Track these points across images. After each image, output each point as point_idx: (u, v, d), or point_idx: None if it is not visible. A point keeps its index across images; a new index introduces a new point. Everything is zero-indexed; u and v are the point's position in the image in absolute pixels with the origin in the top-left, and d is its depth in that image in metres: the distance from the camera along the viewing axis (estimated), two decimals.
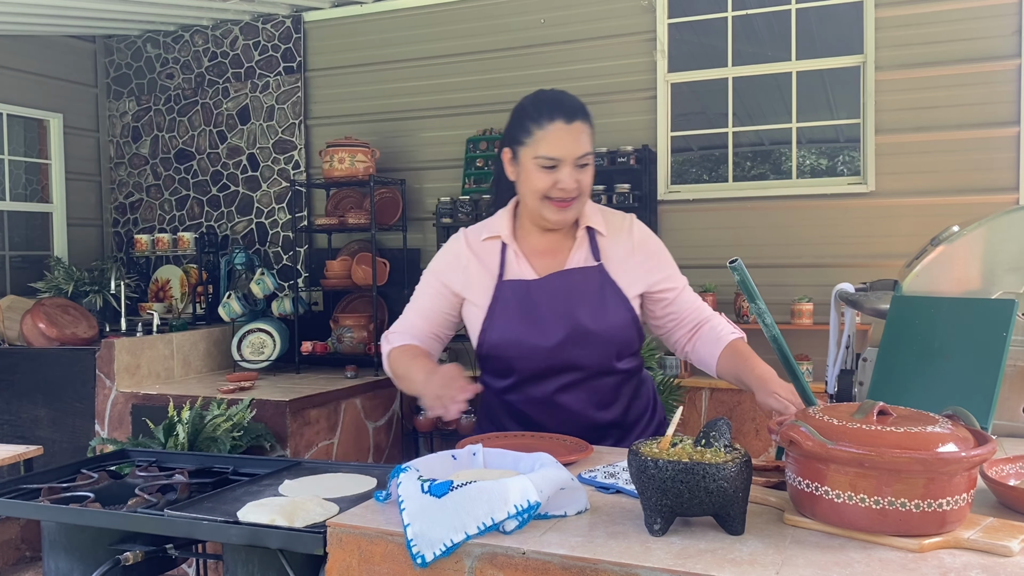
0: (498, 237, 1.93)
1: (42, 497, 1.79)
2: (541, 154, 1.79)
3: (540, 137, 1.79)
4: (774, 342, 1.50)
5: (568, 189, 1.80)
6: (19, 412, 4.38)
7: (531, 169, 1.82)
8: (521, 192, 1.89)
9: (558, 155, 1.78)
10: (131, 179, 5.73)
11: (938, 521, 1.14)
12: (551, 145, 1.78)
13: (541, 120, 1.80)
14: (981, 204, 3.81)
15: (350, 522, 1.31)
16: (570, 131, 1.79)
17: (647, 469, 1.20)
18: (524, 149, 1.83)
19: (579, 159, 1.80)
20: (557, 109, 1.80)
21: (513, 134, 1.86)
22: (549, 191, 1.81)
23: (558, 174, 1.79)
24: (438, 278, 1.96)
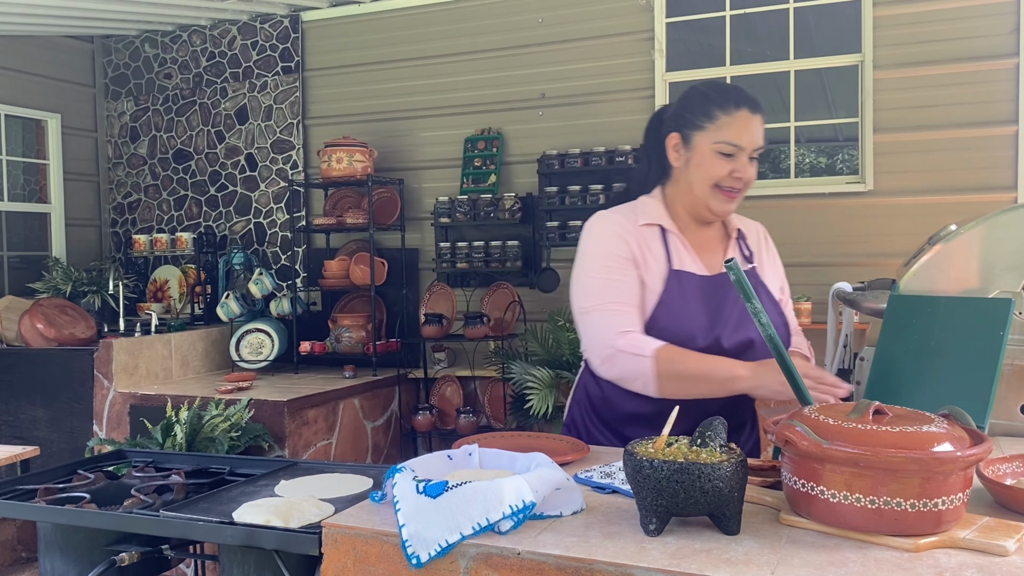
0: (657, 224, 1.85)
1: (38, 498, 1.79)
2: (725, 139, 1.76)
3: (726, 123, 1.76)
4: (770, 342, 1.50)
5: (744, 179, 1.79)
6: (17, 412, 4.38)
7: (708, 155, 1.78)
8: (688, 179, 1.83)
9: (742, 143, 1.76)
10: (129, 179, 5.73)
11: (934, 521, 1.14)
12: (738, 132, 1.76)
13: (727, 106, 1.77)
14: (979, 203, 3.81)
15: (345, 523, 1.31)
16: (754, 121, 1.78)
17: (642, 469, 1.20)
18: (702, 134, 1.79)
19: (755, 151, 1.79)
20: (743, 98, 1.79)
21: (690, 118, 1.81)
22: (723, 179, 1.78)
23: (736, 162, 1.77)
24: (617, 254, 1.80)
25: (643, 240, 1.83)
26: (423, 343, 4.69)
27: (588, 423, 1.95)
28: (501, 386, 4.45)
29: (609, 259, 1.81)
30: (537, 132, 4.68)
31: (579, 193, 4.35)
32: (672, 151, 1.85)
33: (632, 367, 1.72)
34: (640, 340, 1.73)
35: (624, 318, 1.76)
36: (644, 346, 1.71)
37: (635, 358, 1.71)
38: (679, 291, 1.79)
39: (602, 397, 1.91)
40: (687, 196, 1.85)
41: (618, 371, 1.75)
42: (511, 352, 4.40)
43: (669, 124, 1.87)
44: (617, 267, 1.80)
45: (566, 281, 4.49)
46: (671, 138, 1.85)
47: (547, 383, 3.98)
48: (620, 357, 1.73)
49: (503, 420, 4.44)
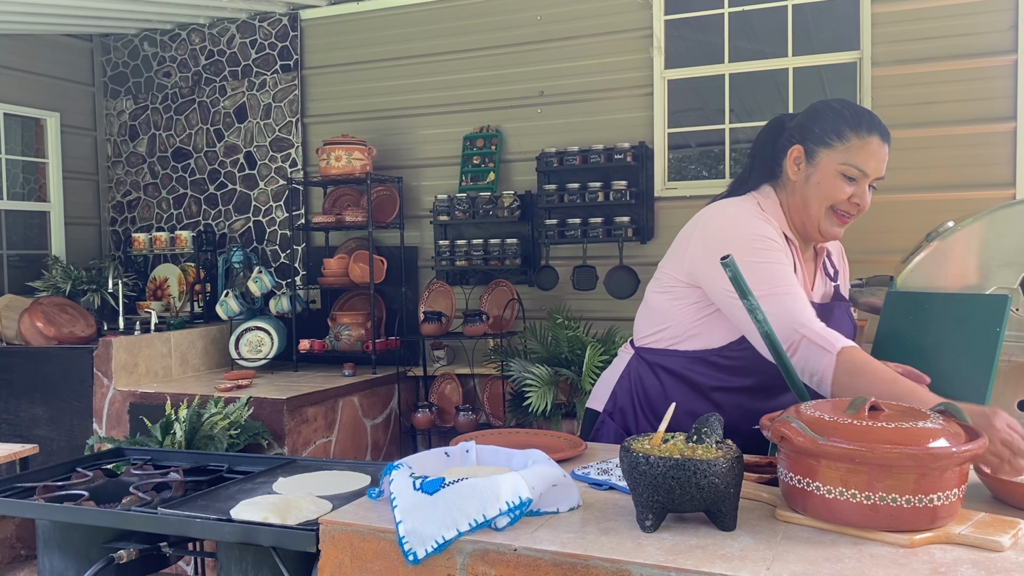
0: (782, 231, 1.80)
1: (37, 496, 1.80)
2: (853, 163, 1.74)
3: (858, 146, 1.74)
4: (766, 338, 1.50)
5: (861, 206, 1.77)
6: (17, 411, 4.39)
7: (831, 175, 1.76)
8: (805, 195, 1.79)
9: (869, 170, 1.75)
10: (128, 178, 5.73)
11: (929, 516, 1.14)
12: (867, 158, 1.74)
13: (861, 130, 1.75)
14: (977, 199, 3.80)
15: (342, 519, 1.32)
16: (883, 150, 1.76)
17: (638, 465, 1.20)
18: (830, 152, 1.76)
19: (877, 180, 1.78)
20: (877, 125, 1.77)
21: (819, 135, 1.77)
22: (841, 203, 1.76)
23: (857, 187, 1.76)
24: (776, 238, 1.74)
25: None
26: (422, 341, 4.69)
27: (639, 415, 1.92)
28: (500, 384, 4.45)
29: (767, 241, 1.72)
30: (536, 130, 4.68)
31: (578, 191, 4.35)
32: (792, 164, 1.82)
33: (814, 358, 1.58)
34: (829, 332, 1.60)
35: (806, 309, 1.64)
36: (833, 340, 1.58)
37: (819, 350, 1.57)
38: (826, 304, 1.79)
39: (661, 392, 1.88)
40: (800, 212, 1.81)
41: (797, 359, 1.61)
42: (510, 350, 4.40)
43: (793, 135, 1.83)
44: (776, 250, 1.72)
45: (565, 279, 4.52)
46: (793, 150, 1.81)
47: (546, 381, 3.98)
48: (804, 345, 1.60)
49: (502, 418, 4.44)
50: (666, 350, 1.86)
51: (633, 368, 1.96)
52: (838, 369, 1.55)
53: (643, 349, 1.93)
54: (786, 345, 1.61)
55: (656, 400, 1.90)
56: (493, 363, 4.46)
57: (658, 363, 1.88)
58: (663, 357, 1.87)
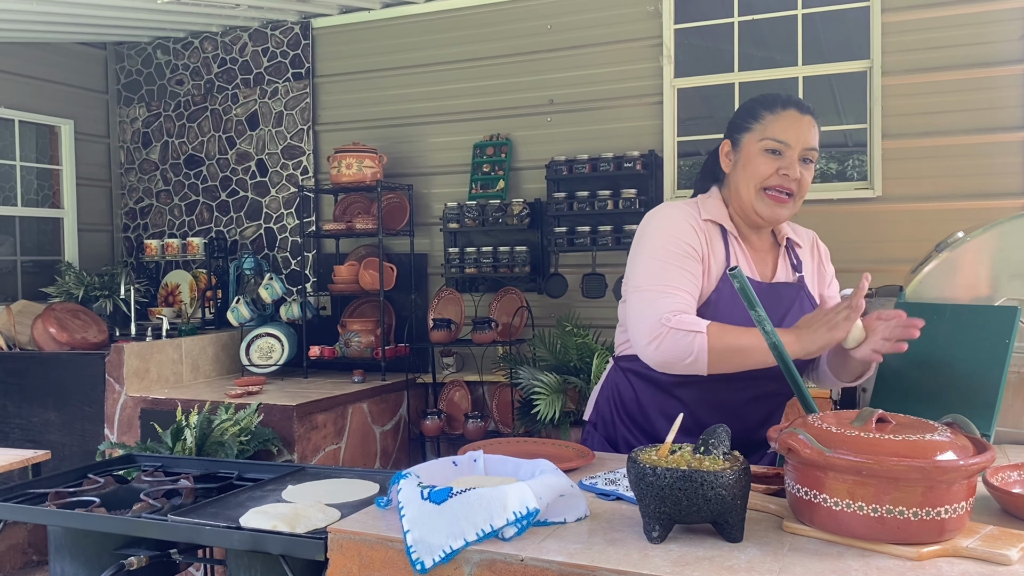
0: (719, 224, 1.84)
1: (48, 502, 1.81)
2: (771, 136, 1.76)
3: (771, 121, 1.77)
4: (774, 349, 1.50)
5: (791, 177, 1.75)
6: (30, 416, 4.42)
7: (754, 154, 1.78)
8: (735, 182, 1.82)
9: (788, 139, 1.75)
10: (141, 184, 5.77)
11: (937, 529, 1.14)
12: (784, 128, 1.75)
13: (774, 107, 1.78)
14: (988, 209, 3.79)
15: (351, 528, 1.32)
16: (802, 120, 1.76)
17: (645, 476, 1.21)
18: (749, 135, 1.79)
19: (806, 151, 1.76)
20: (792, 100, 1.79)
21: (738, 123, 1.83)
22: (770, 179, 1.76)
23: (783, 160, 1.76)
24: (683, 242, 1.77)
25: (709, 235, 1.82)
26: (432, 348, 4.70)
27: (618, 422, 1.94)
28: (509, 391, 4.45)
29: (676, 245, 1.77)
30: (545, 138, 4.69)
31: (587, 199, 4.36)
32: (724, 158, 1.86)
33: (683, 345, 1.65)
34: (691, 318, 1.69)
35: (679, 301, 1.71)
36: (696, 323, 1.67)
37: (687, 335, 1.65)
38: (731, 293, 1.76)
39: (634, 398, 1.91)
40: (737, 199, 1.84)
41: (665, 350, 1.68)
42: (519, 357, 4.41)
43: (725, 134, 1.89)
44: (682, 256, 1.76)
45: (574, 287, 4.52)
46: (723, 145, 1.87)
47: (554, 388, 3.98)
48: (671, 335, 1.67)
49: (511, 425, 4.45)
50: (633, 355, 1.86)
51: (611, 377, 2.01)
52: (710, 342, 1.64)
53: (618, 358, 1.98)
54: (651, 338, 1.69)
55: (630, 405, 1.92)
56: (502, 370, 4.47)
57: (629, 368, 1.92)
58: (632, 362, 1.89)
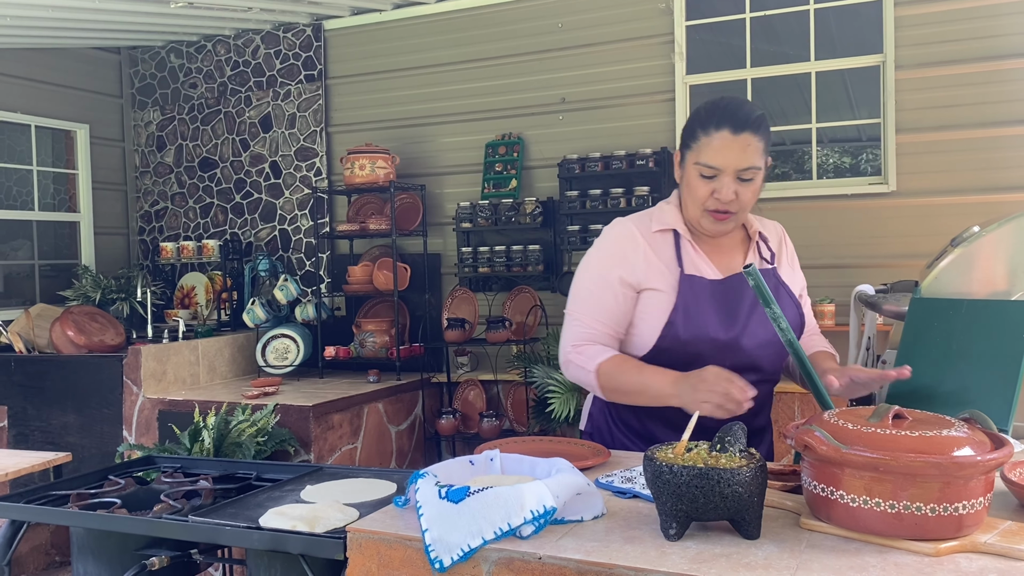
0: (671, 229, 1.87)
1: (71, 503, 1.83)
2: (702, 161, 1.76)
3: (705, 144, 1.76)
4: (790, 346, 1.51)
5: (724, 200, 1.76)
6: (49, 418, 4.46)
7: (692, 175, 1.79)
8: (683, 198, 1.86)
9: (718, 164, 1.74)
10: (156, 188, 5.81)
11: (954, 525, 1.14)
12: (714, 154, 1.75)
13: (708, 127, 1.77)
14: (1004, 203, 3.77)
15: (370, 527, 1.33)
16: (735, 142, 1.74)
17: (662, 474, 1.21)
18: (690, 153, 1.80)
19: (741, 171, 1.75)
20: (727, 118, 1.76)
21: (684, 137, 1.84)
22: (706, 201, 1.78)
23: (716, 184, 1.76)
24: (613, 273, 1.84)
25: (654, 248, 1.85)
26: (446, 347, 4.71)
27: (613, 428, 1.96)
28: (523, 390, 4.46)
29: (602, 271, 1.85)
30: (557, 136, 4.70)
31: (600, 197, 4.36)
32: (676, 168, 1.88)
33: (581, 377, 1.84)
34: (587, 353, 1.82)
35: (586, 331, 1.84)
36: (589, 360, 1.81)
37: (581, 370, 1.83)
38: (692, 295, 1.80)
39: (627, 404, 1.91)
40: (686, 211, 1.86)
41: (571, 376, 1.87)
42: (533, 356, 4.41)
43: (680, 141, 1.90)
44: (605, 282, 1.84)
45: None
46: (675, 155, 1.88)
47: (568, 387, 3.98)
48: (571, 367, 1.86)
49: (525, 424, 4.46)
50: None
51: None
52: (600, 381, 1.81)
53: None
54: (562, 363, 1.89)
55: (623, 411, 1.93)
56: (516, 369, 4.48)
57: None
58: None
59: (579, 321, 1.86)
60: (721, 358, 1.75)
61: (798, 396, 3.96)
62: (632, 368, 1.78)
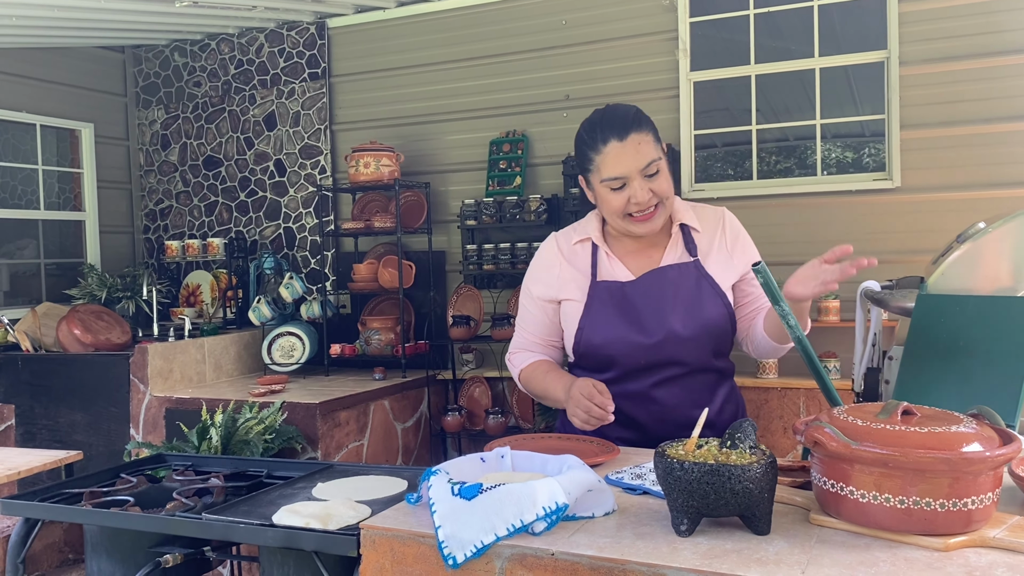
0: (588, 239, 1.97)
1: (84, 501, 1.85)
2: (607, 175, 1.82)
3: (600, 162, 1.82)
4: (799, 343, 1.52)
5: (642, 202, 1.82)
6: (56, 417, 4.48)
7: (603, 192, 1.85)
8: (604, 214, 1.93)
9: (621, 173, 1.80)
10: (161, 186, 5.83)
11: (963, 520, 1.15)
12: (614, 165, 1.80)
13: (596, 145, 1.83)
14: (1009, 198, 3.77)
15: (383, 524, 1.34)
16: (626, 147, 1.79)
17: (673, 471, 1.22)
18: (592, 175, 1.87)
19: (644, 169, 1.80)
20: (607, 129, 1.81)
21: (580, 164, 1.91)
22: (626, 208, 1.84)
23: (629, 191, 1.81)
24: (533, 290, 2.02)
25: (571, 259, 1.99)
26: (451, 345, 4.73)
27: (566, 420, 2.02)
28: None
29: (525, 288, 2.05)
30: (562, 134, 4.70)
31: None
32: (586, 191, 1.94)
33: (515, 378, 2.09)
34: (515, 360, 2.07)
35: (519, 340, 2.08)
36: (514, 368, 2.07)
37: (513, 371, 2.09)
38: (600, 300, 1.92)
39: None
40: (611, 225, 1.95)
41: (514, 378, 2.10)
42: None
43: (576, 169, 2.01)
44: (528, 298, 2.04)
45: None
46: (580, 181, 1.95)
47: None
48: (510, 368, 2.10)
49: (531, 420, 4.47)
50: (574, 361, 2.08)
51: None
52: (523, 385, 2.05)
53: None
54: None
55: None
56: None
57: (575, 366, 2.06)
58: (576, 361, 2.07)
59: (517, 330, 2.09)
60: (636, 356, 1.87)
61: (803, 392, 3.97)
62: (540, 375, 1.98)
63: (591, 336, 1.91)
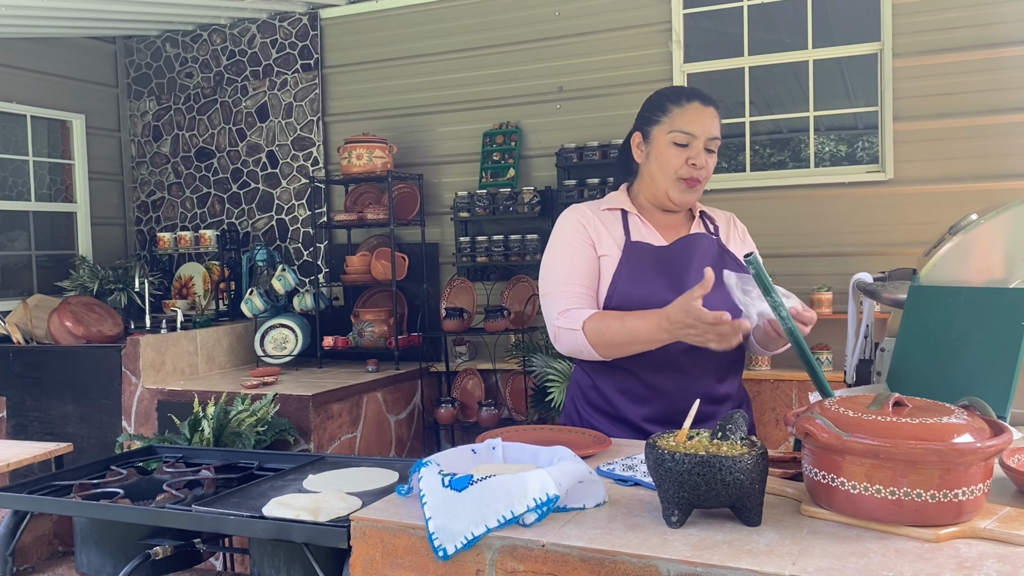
0: (619, 208, 1.99)
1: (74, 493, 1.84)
2: (678, 128, 1.89)
3: (677, 114, 1.90)
4: (790, 335, 1.51)
5: (699, 165, 1.89)
6: (48, 409, 4.46)
7: (664, 146, 1.91)
8: (650, 172, 1.95)
9: (694, 130, 1.88)
10: (153, 178, 5.80)
11: (954, 511, 1.15)
12: (690, 121, 1.89)
13: (679, 100, 1.92)
14: (1001, 191, 3.78)
15: (373, 516, 1.34)
16: (706, 112, 1.90)
17: (664, 462, 1.22)
18: (658, 127, 1.92)
19: (710, 140, 1.90)
20: (696, 93, 1.94)
21: (647, 116, 1.96)
22: (680, 169, 1.89)
23: (690, 151, 1.89)
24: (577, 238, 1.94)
25: (603, 223, 1.96)
26: (444, 337, 4.72)
27: (583, 413, 2.03)
28: (522, 379, 4.47)
29: (563, 245, 1.95)
30: (555, 125, 4.69)
31: (598, 186, 4.36)
32: (636, 149, 1.99)
33: (571, 340, 1.87)
34: (574, 315, 1.86)
35: (565, 299, 1.90)
36: (575, 321, 1.85)
37: (571, 332, 1.86)
38: (635, 259, 1.91)
39: (591, 384, 2.00)
40: (651, 187, 1.97)
41: (564, 346, 1.90)
42: (532, 345, 4.42)
43: (635, 125, 2.02)
44: (569, 250, 1.94)
45: None
46: (634, 137, 2.00)
47: (567, 376, 3.99)
48: (561, 334, 1.88)
49: (524, 413, 4.47)
50: None
51: (573, 377, 2.11)
52: (589, 339, 1.83)
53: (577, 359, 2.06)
54: (553, 338, 1.92)
55: (589, 392, 2.01)
56: (515, 358, 4.48)
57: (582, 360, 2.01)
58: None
59: (556, 293, 1.93)
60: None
61: (796, 384, 3.98)
62: (614, 318, 1.83)
63: (626, 290, 1.88)
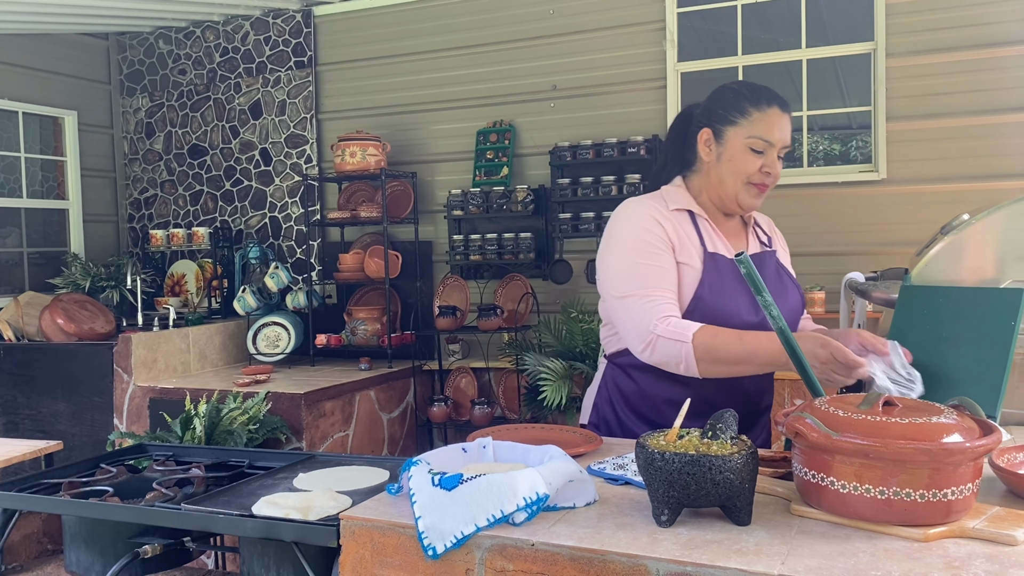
0: (686, 210, 1.88)
1: (63, 492, 1.83)
2: (757, 135, 1.81)
3: (759, 119, 1.81)
4: (781, 334, 1.51)
5: (772, 174, 1.83)
6: (39, 407, 4.45)
7: (739, 150, 1.83)
8: (719, 173, 1.86)
9: (773, 139, 1.81)
10: (145, 175, 5.78)
11: (943, 511, 1.15)
12: (770, 128, 1.81)
13: (760, 103, 1.82)
14: (993, 191, 3.79)
15: (363, 515, 1.34)
16: (784, 120, 1.84)
17: (654, 461, 1.22)
18: (735, 129, 1.83)
19: (782, 149, 1.84)
20: (775, 97, 1.84)
21: (723, 113, 1.85)
22: (753, 175, 1.82)
23: (766, 158, 1.82)
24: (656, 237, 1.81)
25: (677, 223, 1.85)
26: (437, 335, 4.71)
27: (623, 418, 1.94)
28: (515, 377, 4.47)
29: (646, 244, 1.80)
30: (549, 124, 4.69)
31: (591, 184, 4.36)
32: (703, 146, 1.88)
33: (673, 352, 1.71)
34: (679, 325, 1.72)
35: (663, 304, 1.75)
36: (683, 331, 1.70)
37: (675, 343, 1.70)
38: (717, 273, 1.81)
39: (637, 390, 1.91)
40: (717, 189, 1.88)
41: (659, 356, 1.74)
42: (525, 343, 4.42)
43: (701, 120, 1.90)
44: (654, 252, 1.80)
45: (579, 273, 4.52)
46: (703, 133, 1.88)
47: (560, 374, 3.99)
48: (660, 343, 1.72)
49: (517, 411, 4.47)
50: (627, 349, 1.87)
51: (608, 376, 2.00)
52: (696, 353, 1.69)
53: (611, 355, 1.98)
54: (644, 345, 1.75)
55: (633, 398, 1.93)
56: (508, 357, 4.48)
57: (627, 363, 1.91)
58: (628, 356, 1.88)
59: (647, 297, 1.76)
60: None
61: (788, 383, 3.98)
62: (729, 335, 1.69)
63: (711, 305, 1.77)
